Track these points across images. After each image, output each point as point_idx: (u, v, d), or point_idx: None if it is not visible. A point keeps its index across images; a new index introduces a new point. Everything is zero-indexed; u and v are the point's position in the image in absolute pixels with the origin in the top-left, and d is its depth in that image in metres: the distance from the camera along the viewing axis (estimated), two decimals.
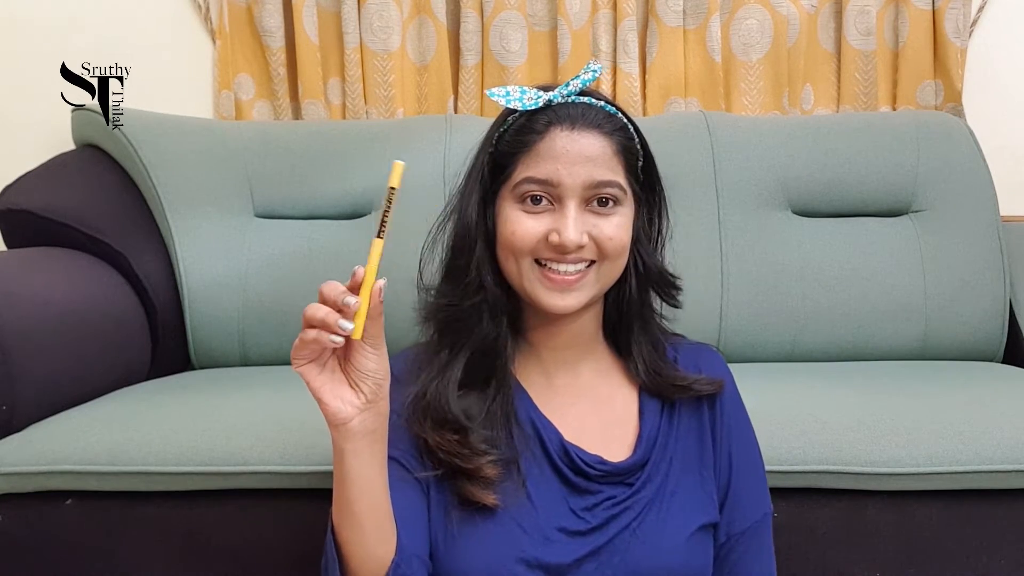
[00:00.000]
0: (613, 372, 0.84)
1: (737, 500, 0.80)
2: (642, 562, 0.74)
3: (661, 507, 0.76)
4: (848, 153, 1.47)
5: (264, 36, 1.72)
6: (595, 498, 0.76)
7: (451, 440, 0.73)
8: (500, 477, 0.73)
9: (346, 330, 0.60)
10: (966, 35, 1.68)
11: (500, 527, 0.73)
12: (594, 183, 0.73)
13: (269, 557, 1.01)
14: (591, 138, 0.74)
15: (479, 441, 0.74)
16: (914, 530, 0.99)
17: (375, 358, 0.64)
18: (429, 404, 0.76)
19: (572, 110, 0.74)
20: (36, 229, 1.37)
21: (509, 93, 0.75)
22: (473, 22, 1.71)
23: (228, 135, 1.55)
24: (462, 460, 0.73)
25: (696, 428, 0.81)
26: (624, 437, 0.80)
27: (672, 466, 0.78)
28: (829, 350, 1.42)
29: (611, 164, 0.74)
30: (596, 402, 0.82)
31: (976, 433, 0.99)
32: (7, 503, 1.02)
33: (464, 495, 0.73)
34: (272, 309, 1.43)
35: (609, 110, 0.76)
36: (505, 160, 0.76)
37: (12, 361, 1.04)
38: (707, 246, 1.43)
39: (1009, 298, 1.45)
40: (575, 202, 0.73)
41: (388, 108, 1.74)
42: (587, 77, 0.76)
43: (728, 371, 0.85)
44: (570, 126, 0.74)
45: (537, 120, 0.75)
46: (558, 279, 0.74)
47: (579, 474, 0.76)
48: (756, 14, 1.70)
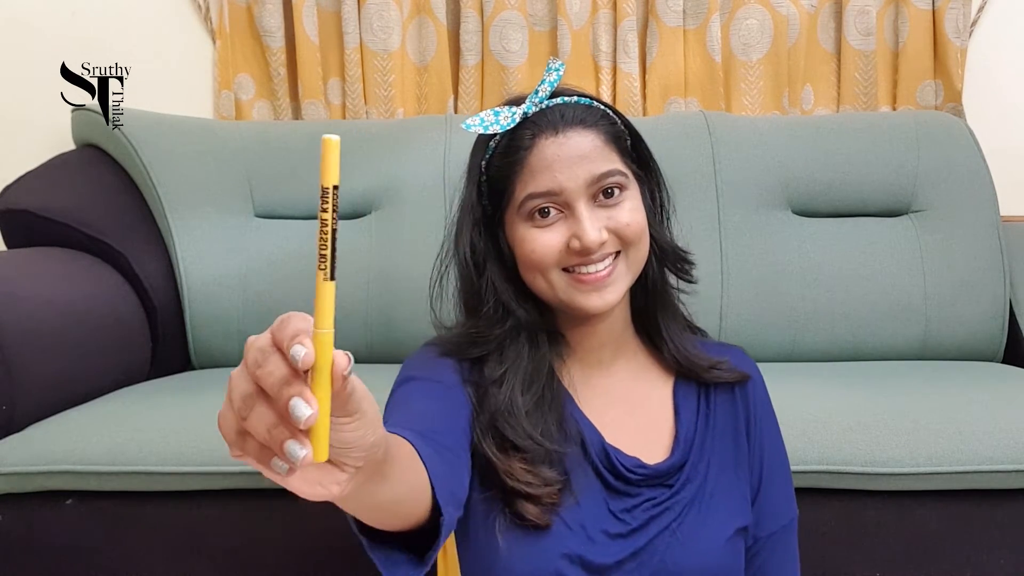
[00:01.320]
0: (647, 369, 0.84)
1: (766, 502, 0.80)
2: (681, 562, 0.73)
3: (700, 508, 0.75)
4: (848, 153, 1.47)
5: (264, 36, 1.72)
6: (634, 500, 0.75)
7: (520, 468, 0.71)
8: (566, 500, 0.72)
9: (296, 459, 0.38)
10: (966, 35, 1.68)
11: (551, 538, 0.71)
12: (594, 178, 0.73)
13: (269, 557, 1.02)
14: (578, 135, 0.73)
15: (546, 465, 0.71)
16: (914, 530, 0.99)
17: (354, 425, 0.42)
18: (493, 425, 0.72)
19: (551, 114, 0.74)
20: (36, 229, 1.37)
21: (484, 120, 0.74)
22: (473, 22, 1.71)
23: (228, 135, 1.55)
24: (530, 487, 0.70)
25: (732, 427, 0.80)
26: (661, 439, 0.79)
27: (710, 467, 0.78)
28: (829, 350, 1.42)
29: (605, 153, 0.74)
30: (632, 403, 0.81)
31: (976, 433, 1.00)
32: (7, 503, 1.02)
33: (519, 512, 0.70)
34: (272, 309, 1.43)
35: (585, 102, 0.76)
36: (501, 184, 0.76)
37: (12, 361, 1.04)
38: (707, 246, 1.43)
39: (1009, 298, 1.45)
40: (583, 202, 0.73)
41: (388, 108, 1.74)
42: (552, 79, 0.74)
43: (759, 372, 0.85)
44: (554, 131, 0.73)
45: (520, 136, 0.74)
46: (591, 278, 0.73)
47: (619, 478, 0.75)
48: (756, 14, 1.70)
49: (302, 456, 0.38)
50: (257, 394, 0.38)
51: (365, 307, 1.43)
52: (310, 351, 0.37)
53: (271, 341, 0.38)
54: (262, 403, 0.38)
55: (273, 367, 0.37)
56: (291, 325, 0.37)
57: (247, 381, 0.38)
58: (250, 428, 0.39)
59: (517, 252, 0.76)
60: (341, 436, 0.42)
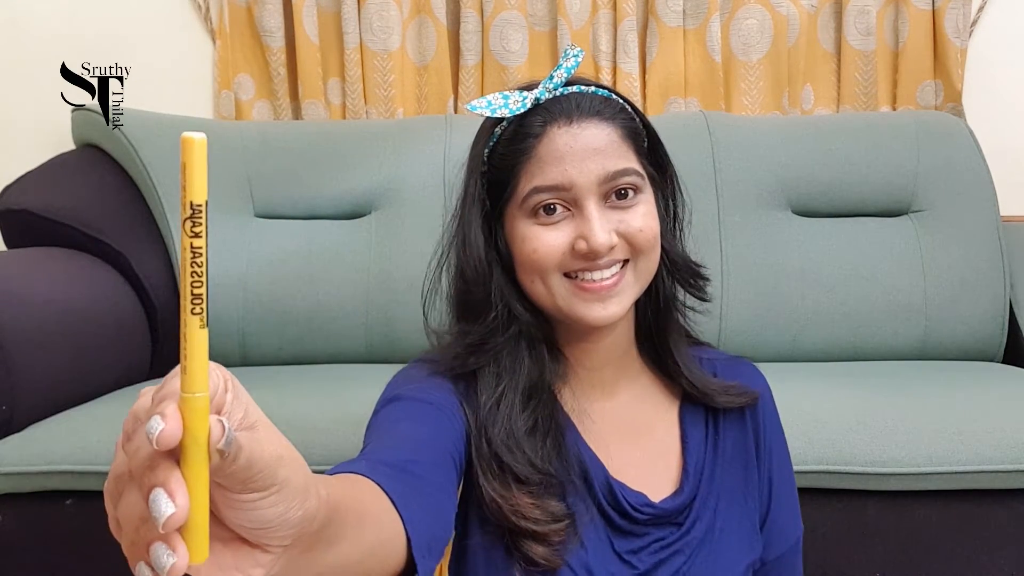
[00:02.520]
0: (651, 392, 0.77)
1: (773, 526, 0.75)
2: None
3: (712, 548, 0.70)
4: (848, 153, 1.47)
5: (264, 36, 1.72)
6: (641, 541, 0.69)
7: (527, 504, 0.64)
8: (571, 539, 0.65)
9: (161, 569, 0.30)
10: (966, 35, 1.68)
11: None
12: (608, 175, 0.65)
13: None
14: (594, 128, 0.66)
15: (552, 499, 0.65)
16: (914, 530, 0.99)
17: (271, 500, 0.33)
18: (495, 454, 0.65)
19: (565, 103, 0.66)
20: (36, 229, 1.37)
21: (491, 103, 0.67)
22: (473, 22, 1.71)
23: (228, 135, 1.55)
24: (537, 524, 0.63)
25: (741, 453, 0.75)
26: (668, 471, 0.73)
27: (720, 499, 0.72)
28: (829, 350, 1.42)
29: (621, 150, 0.66)
30: (637, 431, 0.74)
31: (976, 433, 0.99)
32: (7, 503, 1.02)
33: (526, 555, 0.64)
34: (272, 309, 1.43)
35: (603, 94, 0.68)
36: (504, 175, 0.68)
37: (12, 361, 1.04)
38: (707, 246, 1.43)
39: (1009, 298, 1.45)
40: (594, 201, 0.65)
41: (388, 108, 1.74)
42: (570, 64, 0.67)
43: (768, 386, 0.79)
44: (567, 120, 0.66)
45: (530, 123, 0.66)
46: (594, 287, 0.66)
47: (624, 516, 0.69)
48: (756, 14, 1.70)
49: (167, 566, 0.29)
50: (128, 476, 0.30)
51: (365, 307, 1.43)
52: (170, 426, 0.28)
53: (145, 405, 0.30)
54: (132, 488, 0.30)
55: (139, 443, 0.29)
56: (165, 387, 0.30)
57: (121, 456, 0.31)
58: (121, 519, 0.31)
59: (516, 252, 0.68)
60: (256, 515, 0.33)
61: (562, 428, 0.69)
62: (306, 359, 1.45)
